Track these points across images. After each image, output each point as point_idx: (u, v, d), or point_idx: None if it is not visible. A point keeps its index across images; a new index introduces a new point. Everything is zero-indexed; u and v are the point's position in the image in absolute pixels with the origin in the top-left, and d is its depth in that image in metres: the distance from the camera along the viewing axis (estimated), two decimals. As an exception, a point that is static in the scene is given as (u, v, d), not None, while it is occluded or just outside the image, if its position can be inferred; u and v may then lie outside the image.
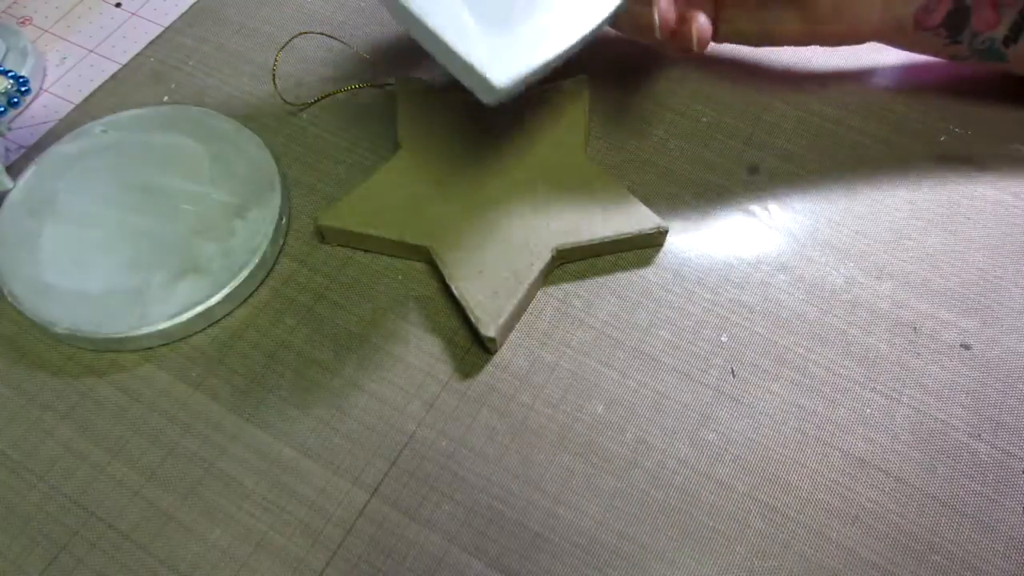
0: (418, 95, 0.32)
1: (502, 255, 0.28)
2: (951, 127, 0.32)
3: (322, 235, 0.30)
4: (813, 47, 0.31)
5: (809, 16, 0.29)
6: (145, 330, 0.27)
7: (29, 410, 0.27)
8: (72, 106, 0.35)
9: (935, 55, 0.31)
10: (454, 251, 0.28)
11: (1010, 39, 0.29)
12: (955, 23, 0.29)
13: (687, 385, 0.27)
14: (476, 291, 0.27)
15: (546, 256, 0.28)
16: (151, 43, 0.37)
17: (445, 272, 0.28)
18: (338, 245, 0.30)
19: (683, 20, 0.27)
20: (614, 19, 0.26)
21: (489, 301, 0.27)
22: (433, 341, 0.28)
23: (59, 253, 0.29)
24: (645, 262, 0.29)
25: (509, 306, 0.27)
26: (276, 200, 0.30)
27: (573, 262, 0.29)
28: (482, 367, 0.28)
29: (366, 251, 0.30)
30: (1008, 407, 0.26)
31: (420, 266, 0.30)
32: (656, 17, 0.26)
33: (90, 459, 0.26)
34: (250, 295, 0.29)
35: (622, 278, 0.29)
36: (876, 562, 0.24)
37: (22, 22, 0.39)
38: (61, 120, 0.35)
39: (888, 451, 0.25)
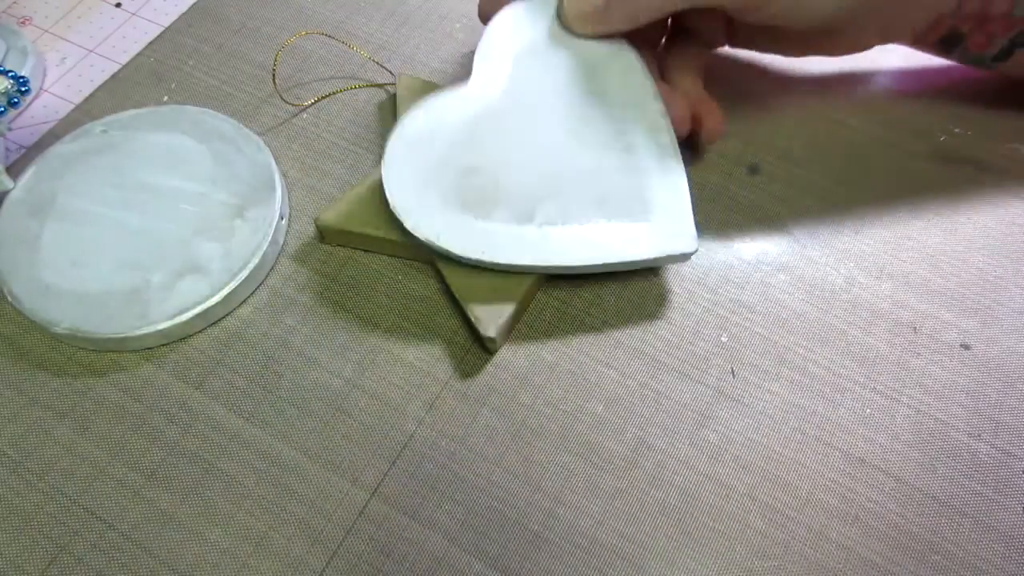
0: (418, 94, 0.32)
1: None
2: (951, 127, 0.32)
3: (322, 235, 0.30)
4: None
5: (805, 44, 0.31)
6: (145, 330, 0.27)
7: (29, 410, 0.27)
8: (72, 106, 0.35)
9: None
10: None
11: (999, 58, 0.30)
12: (949, 45, 0.30)
13: (687, 385, 0.27)
14: (476, 291, 0.27)
15: None
16: (151, 43, 0.37)
17: (445, 272, 0.28)
18: (338, 245, 0.30)
19: (696, 122, 0.30)
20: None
21: (489, 301, 0.27)
22: (433, 341, 0.28)
23: (59, 253, 0.29)
24: (645, 262, 0.29)
25: (509, 306, 0.27)
26: (276, 200, 0.30)
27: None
28: (482, 367, 0.28)
29: (366, 251, 0.30)
30: (1008, 407, 0.26)
31: (420, 266, 0.30)
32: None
33: (90, 459, 0.26)
34: (250, 295, 0.29)
35: (622, 278, 0.29)
36: (876, 562, 0.24)
37: (22, 22, 0.39)
38: (61, 120, 0.35)
39: (888, 451, 0.25)
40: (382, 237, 0.29)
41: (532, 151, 0.28)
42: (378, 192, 0.29)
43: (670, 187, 0.28)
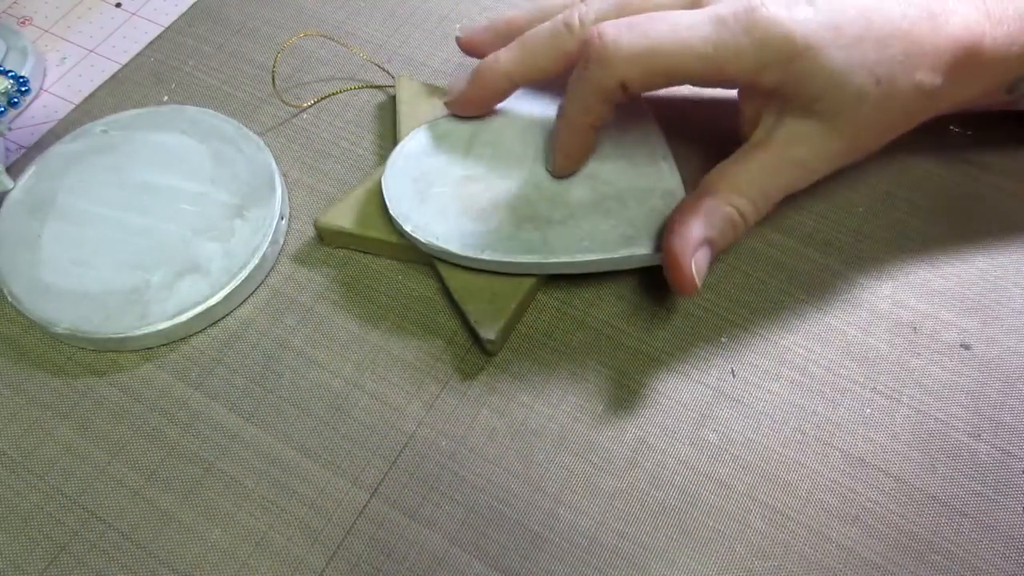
0: (418, 97, 0.32)
1: None
2: (951, 127, 0.32)
3: (321, 237, 0.30)
4: None
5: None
6: (145, 330, 0.27)
7: (29, 410, 0.27)
8: (72, 106, 0.35)
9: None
10: None
11: None
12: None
13: (687, 385, 0.27)
14: (475, 294, 0.27)
15: None
16: (151, 43, 0.37)
17: (444, 274, 0.28)
18: (337, 247, 0.30)
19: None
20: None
21: (488, 304, 0.27)
22: (433, 341, 0.28)
23: (59, 253, 0.29)
24: (645, 262, 0.29)
25: (508, 309, 0.27)
26: (276, 200, 0.30)
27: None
28: (482, 367, 0.28)
29: (366, 253, 0.30)
30: (1008, 407, 0.26)
31: (420, 266, 0.30)
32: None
33: (90, 459, 0.26)
34: (250, 295, 0.29)
35: (622, 278, 0.29)
36: (876, 562, 0.24)
37: (22, 22, 0.39)
38: (61, 120, 0.35)
39: (888, 451, 0.25)
40: (382, 239, 0.29)
41: (529, 162, 0.29)
42: (377, 194, 0.29)
43: (666, 187, 0.28)
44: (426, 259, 0.29)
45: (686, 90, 0.32)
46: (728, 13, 0.24)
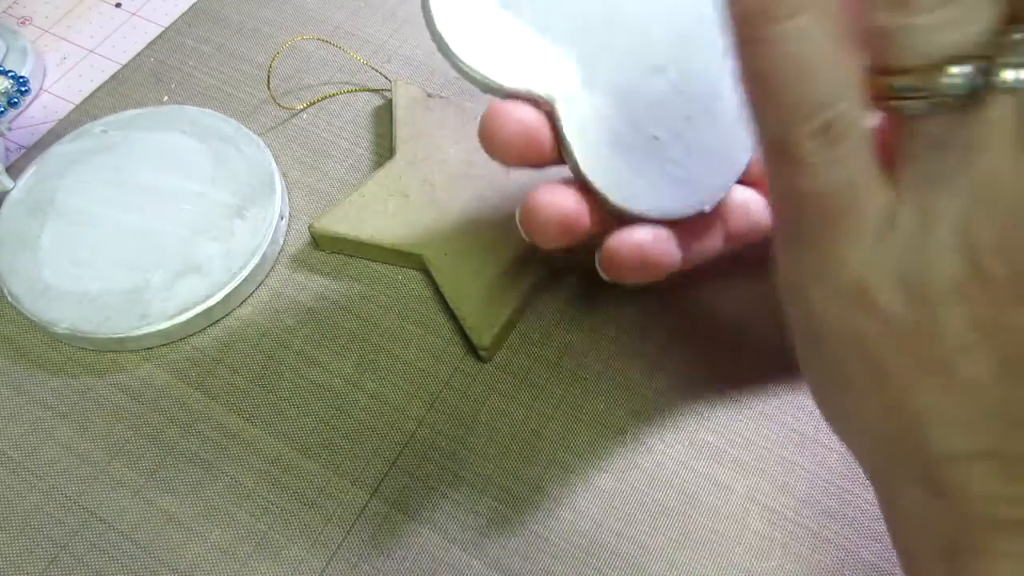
0: (414, 102, 0.32)
1: (497, 263, 0.28)
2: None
3: (316, 242, 0.30)
4: None
5: None
6: (145, 330, 0.27)
7: (29, 410, 0.27)
8: (72, 106, 0.35)
9: None
10: (448, 259, 0.28)
11: None
12: None
13: (687, 385, 0.27)
14: (470, 299, 0.27)
15: (542, 266, 0.28)
16: (151, 43, 0.37)
17: (439, 280, 0.28)
18: (332, 252, 0.30)
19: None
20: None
21: (483, 310, 0.27)
22: (433, 341, 0.28)
23: (59, 253, 0.29)
24: (645, 263, 0.29)
25: (504, 315, 0.27)
26: (276, 200, 0.30)
27: (573, 269, 0.29)
28: (482, 367, 0.28)
29: (362, 258, 0.30)
30: (1006, 408, 0.26)
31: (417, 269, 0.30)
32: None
33: (90, 459, 0.26)
34: (250, 295, 0.29)
35: (622, 279, 0.29)
36: (875, 563, 0.24)
37: (22, 22, 0.39)
38: (61, 120, 0.35)
39: (887, 452, 0.25)
40: (375, 244, 0.29)
41: None
42: (372, 198, 0.29)
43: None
44: (419, 265, 0.29)
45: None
46: None
